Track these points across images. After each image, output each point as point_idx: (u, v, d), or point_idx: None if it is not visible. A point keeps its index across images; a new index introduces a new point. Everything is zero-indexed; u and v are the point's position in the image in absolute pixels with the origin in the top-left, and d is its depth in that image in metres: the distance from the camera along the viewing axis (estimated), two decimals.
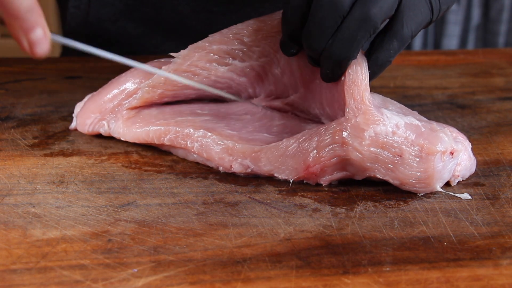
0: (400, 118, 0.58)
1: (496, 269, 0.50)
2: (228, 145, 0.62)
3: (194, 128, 0.64)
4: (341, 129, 0.59)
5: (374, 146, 0.58)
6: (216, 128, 0.64)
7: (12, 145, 0.68)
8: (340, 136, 0.59)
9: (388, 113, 0.59)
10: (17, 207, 0.57)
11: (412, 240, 0.53)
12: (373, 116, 0.58)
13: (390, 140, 0.58)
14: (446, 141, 0.58)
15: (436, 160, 0.57)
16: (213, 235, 0.54)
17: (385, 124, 0.58)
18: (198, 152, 0.64)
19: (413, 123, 0.59)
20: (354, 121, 0.58)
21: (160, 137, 0.65)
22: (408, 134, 0.58)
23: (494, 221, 0.56)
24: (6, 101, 0.78)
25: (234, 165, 0.62)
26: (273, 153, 0.61)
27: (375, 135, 0.58)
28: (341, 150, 0.59)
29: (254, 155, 0.62)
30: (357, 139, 0.58)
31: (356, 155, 0.58)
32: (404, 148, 0.57)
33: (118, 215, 0.56)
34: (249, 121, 0.67)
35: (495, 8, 1.16)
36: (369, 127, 0.58)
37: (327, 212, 0.57)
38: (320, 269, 0.50)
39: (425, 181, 0.58)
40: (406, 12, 0.57)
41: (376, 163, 0.58)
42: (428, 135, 0.58)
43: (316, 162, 0.60)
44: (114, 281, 0.49)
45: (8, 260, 0.51)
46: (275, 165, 0.61)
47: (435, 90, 0.83)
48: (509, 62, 0.92)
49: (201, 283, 0.48)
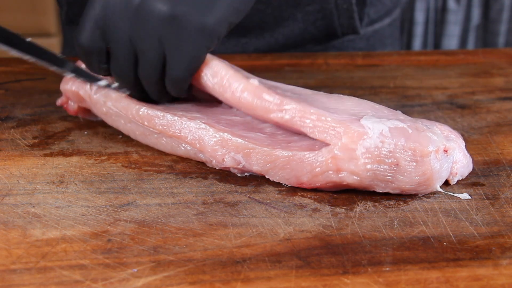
0: (382, 124, 0.57)
1: (496, 269, 0.50)
2: (224, 137, 0.62)
3: (188, 119, 0.64)
4: (332, 156, 0.57)
5: (370, 163, 0.56)
6: (209, 121, 0.64)
7: (12, 145, 0.68)
8: (334, 163, 0.57)
9: (369, 122, 0.57)
10: (17, 207, 0.57)
11: (411, 240, 0.53)
12: (357, 133, 0.57)
13: (382, 152, 0.56)
14: (436, 139, 0.57)
15: (432, 161, 0.57)
16: (213, 235, 0.54)
17: (371, 137, 0.56)
18: (191, 142, 0.63)
19: (397, 126, 0.57)
20: (341, 144, 0.57)
21: (151, 120, 0.65)
22: (397, 140, 0.56)
23: (494, 221, 0.56)
24: (6, 101, 0.78)
25: (226, 159, 0.62)
26: (264, 158, 0.60)
27: (366, 150, 0.56)
28: (337, 176, 0.58)
29: (247, 152, 0.61)
30: (352, 160, 0.57)
31: (353, 178, 0.57)
32: (398, 155, 0.56)
33: (118, 215, 0.56)
34: (240, 122, 0.66)
35: (495, 8, 1.16)
36: (357, 145, 0.56)
37: (327, 212, 0.57)
38: (320, 269, 0.50)
39: (425, 183, 0.58)
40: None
41: (374, 180, 0.57)
42: (417, 137, 0.57)
43: (310, 183, 0.59)
44: (114, 281, 0.49)
45: (8, 260, 0.51)
46: (264, 168, 0.61)
47: (435, 90, 0.83)
48: (509, 62, 0.92)
49: (200, 283, 0.48)
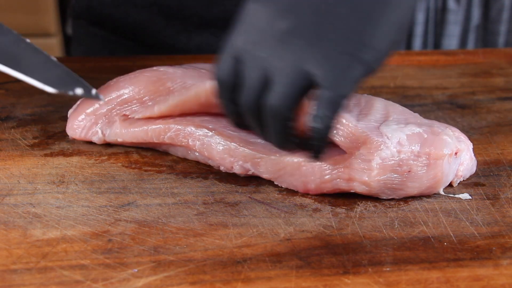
0: (401, 132, 0.57)
1: (496, 269, 0.50)
2: (230, 146, 0.62)
3: (195, 127, 0.64)
4: (346, 166, 0.57)
5: (382, 173, 0.57)
6: (216, 128, 0.64)
7: (12, 145, 0.68)
8: (347, 172, 0.57)
9: (388, 131, 0.57)
10: (17, 207, 0.57)
11: (412, 240, 0.53)
12: (375, 143, 0.57)
13: (397, 161, 0.56)
14: (450, 142, 0.58)
15: (444, 164, 0.57)
16: (213, 235, 0.54)
17: (388, 147, 0.56)
18: (199, 151, 0.64)
19: (414, 132, 0.58)
20: (358, 153, 0.57)
21: (159, 136, 0.65)
22: (413, 147, 0.57)
23: (494, 221, 0.56)
24: (6, 101, 0.78)
25: (235, 167, 0.62)
26: (273, 167, 0.60)
27: (382, 161, 0.56)
28: (346, 185, 0.58)
29: (255, 161, 0.61)
30: (365, 172, 0.57)
31: (364, 188, 0.57)
32: (411, 162, 0.56)
33: (118, 215, 0.56)
34: None
35: (495, 8, 1.16)
36: (374, 155, 0.56)
37: (327, 212, 0.57)
38: (320, 269, 0.50)
39: (433, 186, 0.58)
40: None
41: (384, 188, 0.57)
42: (432, 141, 0.57)
43: (317, 190, 0.59)
44: (114, 281, 0.49)
45: (8, 260, 0.51)
46: (273, 176, 0.61)
47: (435, 90, 0.82)
48: (509, 62, 0.92)
49: (201, 283, 0.48)
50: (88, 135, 0.68)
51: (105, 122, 0.68)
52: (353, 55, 0.50)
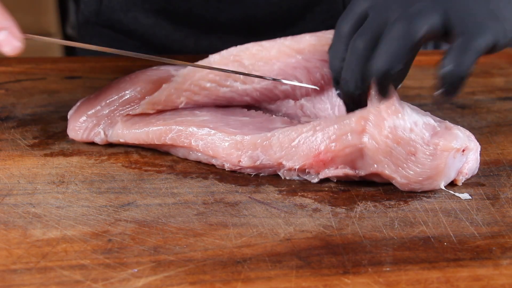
0: (419, 117, 0.59)
1: (496, 269, 0.50)
2: (237, 139, 0.62)
3: (197, 127, 0.64)
4: (364, 116, 0.59)
5: (391, 139, 0.58)
6: (218, 127, 0.64)
7: (12, 145, 0.68)
8: (363, 123, 0.59)
9: (409, 109, 0.59)
10: (17, 207, 0.57)
11: (412, 240, 0.53)
12: (395, 107, 0.58)
13: (406, 137, 0.58)
14: (461, 137, 0.59)
15: (449, 157, 0.57)
16: (213, 235, 0.54)
17: (405, 119, 0.58)
18: (203, 150, 0.64)
19: (429, 123, 0.59)
20: (377, 108, 0.58)
21: (161, 137, 0.65)
22: (424, 133, 0.58)
23: (494, 221, 0.56)
24: (6, 101, 0.78)
25: (242, 159, 0.62)
26: (287, 136, 0.61)
27: (394, 127, 0.58)
28: (357, 139, 0.59)
29: (266, 143, 0.61)
30: (377, 128, 0.58)
31: (373, 143, 0.58)
32: (418, 147, 0.57)
33: (118, 215, 0.56)
34: (249, 122, 0.67)
35: None
36: (390, 117, 0.58)
37: (327, 212, 0.57)
38: (320, 269, 0.50)
39: (433, 177, 0.58)
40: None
41: (388, 157, 0.58)
42: (443, 133, 0.58)
43: (328, 150, 0.60)
44: (114, 281, 0.49)
45: (8, 260, 0.51)
46: (287, 150, 0.61)
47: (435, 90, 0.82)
48: (509, 62, 0.92)
49: (201, 283, 0.48)
50: (90, 136, 0.68)
51: (107, 123, 0.68)
52: (489, 18, 0.55)
